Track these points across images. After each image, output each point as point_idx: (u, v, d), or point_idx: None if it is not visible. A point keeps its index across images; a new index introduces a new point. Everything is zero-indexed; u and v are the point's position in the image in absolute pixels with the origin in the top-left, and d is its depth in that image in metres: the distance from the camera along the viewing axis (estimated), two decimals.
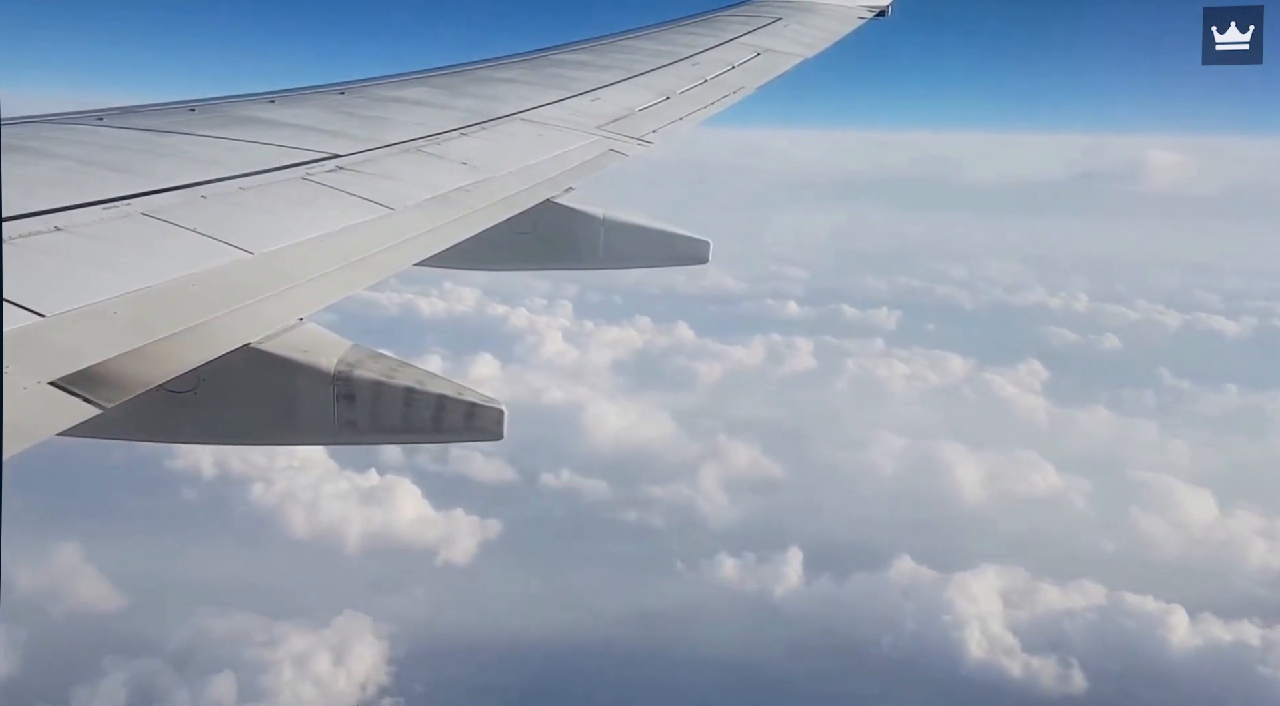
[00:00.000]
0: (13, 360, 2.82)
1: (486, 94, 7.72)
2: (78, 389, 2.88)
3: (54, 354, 2.96)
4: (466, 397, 3.98)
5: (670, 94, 8.61)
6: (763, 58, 10.33)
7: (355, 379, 3.87)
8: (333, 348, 3.93)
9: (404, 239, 4.76)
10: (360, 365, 3.91)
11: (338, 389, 3.86)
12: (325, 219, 4.64)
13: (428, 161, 5.90)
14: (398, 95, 7.34)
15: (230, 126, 5.78)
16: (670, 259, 7.01)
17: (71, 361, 2.95)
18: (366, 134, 6.06)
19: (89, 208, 4.00)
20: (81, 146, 4.92)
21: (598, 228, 6.68)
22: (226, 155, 5.18)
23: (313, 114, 6.40)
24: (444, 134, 6.45)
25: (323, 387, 3.84)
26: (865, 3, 12.87)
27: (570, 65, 9.15)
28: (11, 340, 2.90)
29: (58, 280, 3.38)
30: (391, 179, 5.41)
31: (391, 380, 3.92)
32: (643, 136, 7.48)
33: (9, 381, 2.74)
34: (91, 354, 3.02)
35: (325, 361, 3.86)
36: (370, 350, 4.02)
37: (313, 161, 5.31)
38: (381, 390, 3.90)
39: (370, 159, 5.61)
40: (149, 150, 5.10)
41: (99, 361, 3.01)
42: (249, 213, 4.46)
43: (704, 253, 6.99)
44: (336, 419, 3.90)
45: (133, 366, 3.10)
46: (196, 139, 5.44)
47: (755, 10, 12.27)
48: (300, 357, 3.82)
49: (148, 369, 3.15)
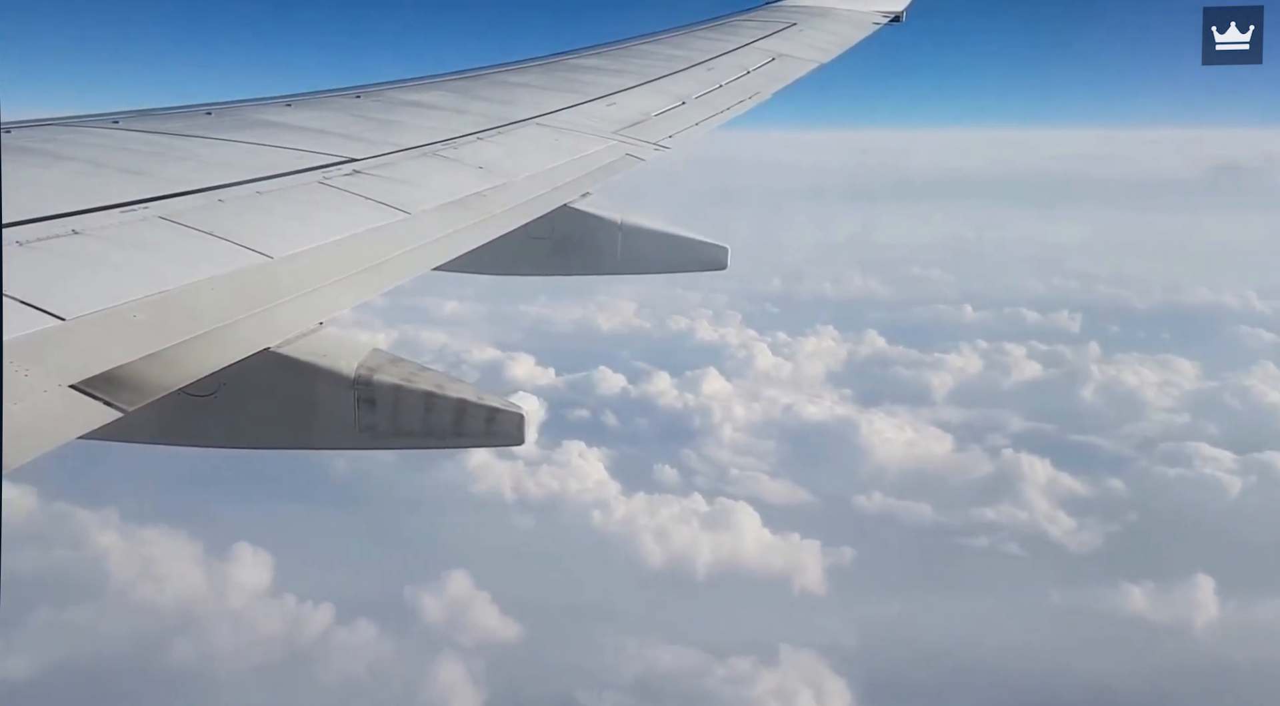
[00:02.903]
0: (33, 363, 2.79)
1: (502, 98, 7.70)
2: (98, 392, 2.84)
3: (74, 357, 2.93)
4: (487, 402, 3.95)
5: (686, 99, 8.58)
6: (777, 63, 10.30)
7: (376, 383, 3.84)
8: (353, 351, 3.90)
9: (421, 243, 4.73)
10: (380, 369, 3.88)
11: (358, 393, 3.83)
12: (343, 223, 4.61)
13: (444, 166, 5.87)
14: (414, 99, 7.32)
15: (247, 130, 5.76)
16: (688, 264, 6.97)
17: (91, 365, 2.92)
18: (383, 138, 6.04)
19: (107, 211, 3.97)
20: (98, 150, 4.90)
21: (615, 232, 6.64)
22: (243, 159, 5.15)
23: (329, 118, 6.39)
24: (460, 138, 6.42)
25: (343, 392, 3.82)
26: (880, 8, 12.83)
27: (586, 70, 9.13)
28: (31, 344, 2.87)
29: (76, 284, 3.35)
30: (408, 183, 5.37)
31: (412, 384, 3.89)
32: (659, 141, 7.44)
33: (30, 385, 2.71)
34: (111, 357, 2.98)
35: (345, 365, 3.84)
36: (390, 354, 3.99)
37: (329, 165, 5.29)
38: (402, 394, 3.86)
39: (387, 163, 5.58)
40: (166, 154, 5.08)
41: (119, 365, 2.98)
42: (267, 216, 4.43)
43: (722, 258, 6.95)
44: (357, 423, 3.87)
45: (153, 370, 3.07)
46: (213, 143, 5.42)
47: (769, 15, 12.25)
48: (320, 362, 3.79)
49: (168, 372, 3.12)
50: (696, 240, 6.92)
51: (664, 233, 6.87)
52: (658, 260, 6.90)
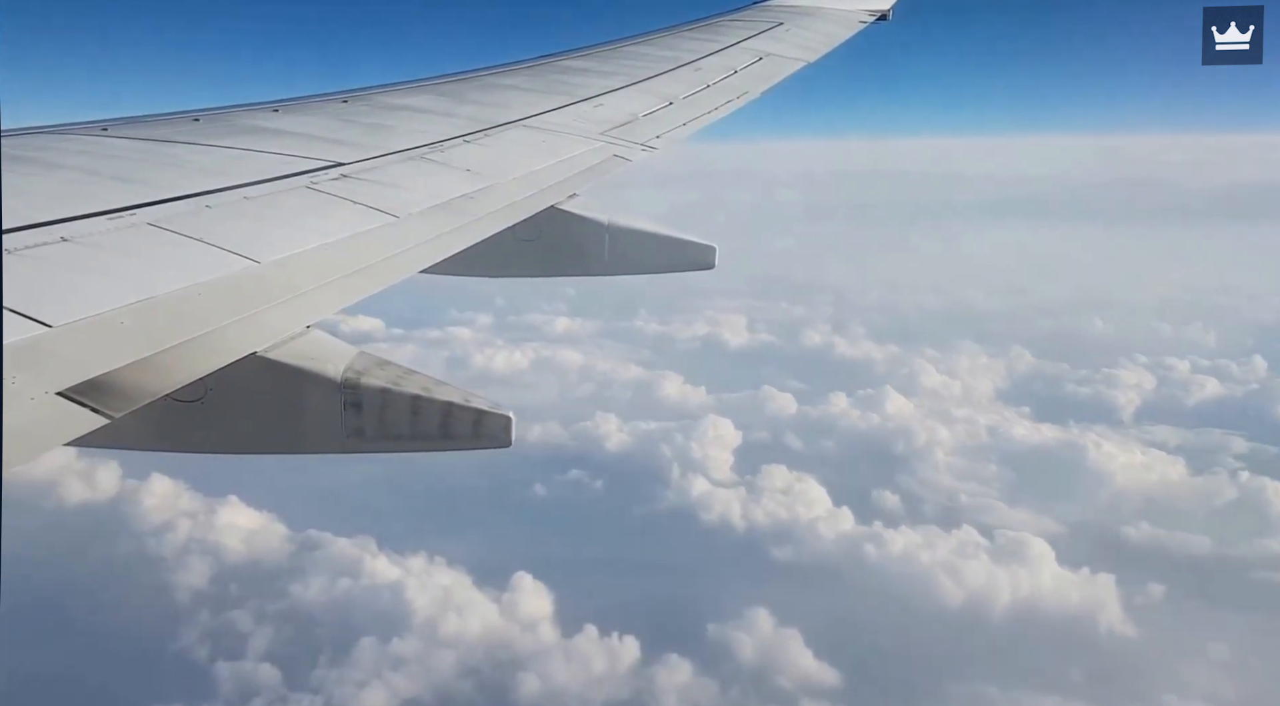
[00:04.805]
0: (20, 370, 2.81)
1: (490, 101, 7.73)
2: (85, 399, 2.87)
3: (61, 364, 2.96)
4: (474, 405, 3.97)
5: (674, 99, 8.60)
6: (765, 62, 10.33)
7: (363, 386, 3.87)
8: (340, 355, 3.92)
9: (409, 246, 4.75)
10: (367, 372, 3.90)
11: (345, 397, 3.85)
12: (330, 227, 4.63)
13: (432, 169, 5.90)
14: (401, 103, 7.34)
15: (234, 136, 5.79)
16: (676, 264, 6.99)
17: (79, 371, 2.94)
18: (370, 142, 6.06)
19: (95, 218, 3.99)
20: (86, 157, 4.92)
21: (603, 233, 6.67)
22: (231, 165, 5.17)
23: (316, 123, 6.41)
24: (448, 141, 6.44)
25: (330, 395, 3.84)
26: (866, 6, 12.87)
27: (573, 71, 9.15)
28: (19, 351, 2.90)
29: (64, 290, 3.37)
30: (396, 187, 5.40)
31: (399, 387, 3.91)
32: (647, 142, 7.47)
33: (17, 392, 2.73)
34: (98, 364, 3.01)
35: (332, 369, 3.86)
36: (377, 357, 4.02)
37: (317, 170, 5.31)
38: (389, 397, 3.89)
39: (374, 167, 5.61)
40: (154, 160, 5.10)
41: (106, 371, 3.00)
42: (254, 221, 4.46)
43: (710, 258, 6.98)
44: (344, 427, 3.89)
45: (140, 376, 3.09)
46: (201, 149, 5.44)
47: (757, 15, 12.28)
48: (307, 366, 3.81)
49: (155, 378, 3.15)
50: (684, 240, 6.95)
51: (651, 233, 6.90)
52: (645, 261, 6.93)
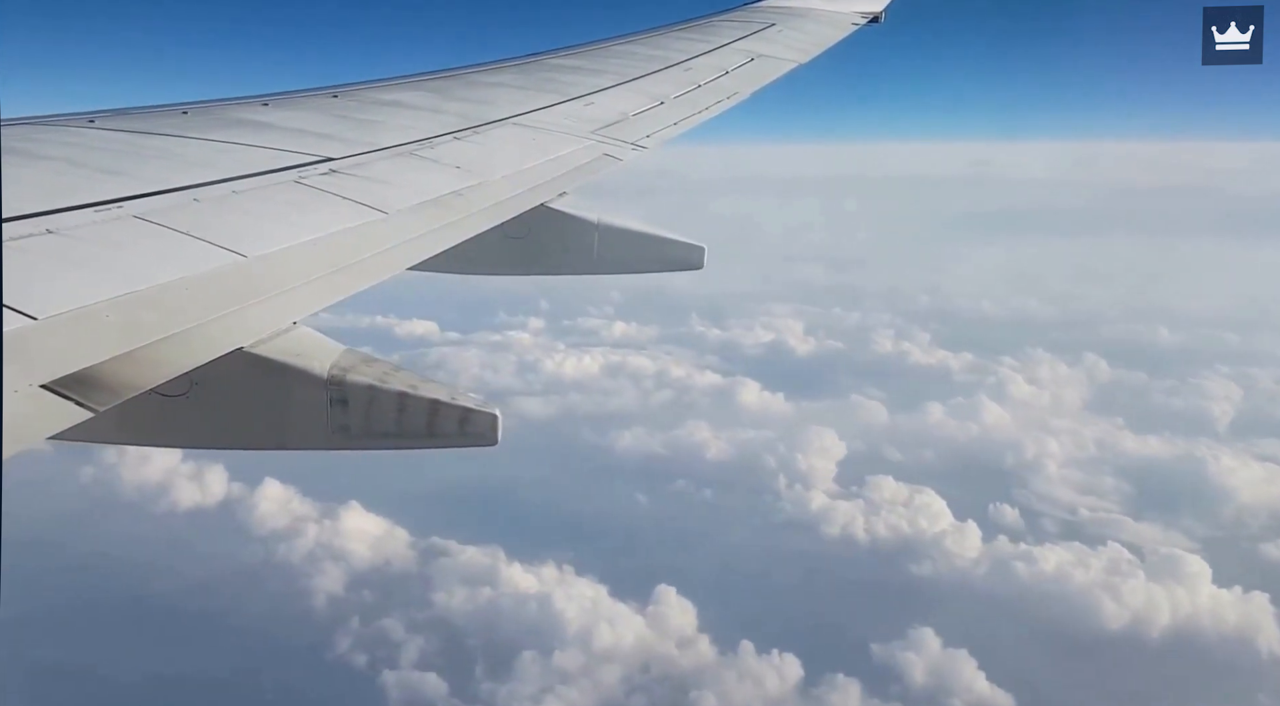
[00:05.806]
0: (4, 363, 2.80)
1: (479, 98, 7.71)
2: (69, 392, 2.85)
3: (45, 357, 2.94)
4: (460, 402, 3.97)
5: (664, 99, 8.60)
6: (756, 63, 10.34)
7: (349, 383, 3.85)
8: (326, 352, 3.91)
9: (397, 242, 4.74)
10: (354, 369, 3.89)
11: (331, 393, 3.84)
12: (318, 222, 4.61)
13: (421, 165, 5.88)
14: (391, 99, 7.32)
15: (223, 129, 5.76)
16: (664, 264, 7.00)
17: (63, 365, 2.93)
18: (359, 137, 6.04)
19: (81, 210, 3.97)
20: (73, 148, 4.89)
21: (591, 232, 6.67)
22: (219, 158, 5.15)
23: (306, 117, 6.38)
24: (437, 138, 6.43)
25: (316, 392, 3.83)
26: (858, 8, 12.89)
27: (563, 70, 9.14)
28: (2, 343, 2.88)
29: (49, 283, 3.35)
30: (384, 183, 5.38)
31: (385, 384, 3.90)
32: (637, 141, 7.47)
33: None
34: (83, 357, 2.99)
35: (318, 365, 3.85)
36: (364, 354, 4.00)
37: (306, 165, 5.29)
38: (375, 394, 3.88)
39: (363, 162, 5.59)
40: (141, 153, 5.07)
41: (91, 365, 2.99)
42: (242, 216, 4.44)
43: (698, 258, 6.99)
44: (330, 423, 3.88)
45: (125, 370, 3.08)
46: (189, 142, 5.42)
47: (748, 16, 12.29)
48: (293, 361, 3.80)
49: (140, 372, 3.13)
50: (673, 240, 6.96)
51: (640, 232, 6.90)
52: (634, 260, 6.93)
